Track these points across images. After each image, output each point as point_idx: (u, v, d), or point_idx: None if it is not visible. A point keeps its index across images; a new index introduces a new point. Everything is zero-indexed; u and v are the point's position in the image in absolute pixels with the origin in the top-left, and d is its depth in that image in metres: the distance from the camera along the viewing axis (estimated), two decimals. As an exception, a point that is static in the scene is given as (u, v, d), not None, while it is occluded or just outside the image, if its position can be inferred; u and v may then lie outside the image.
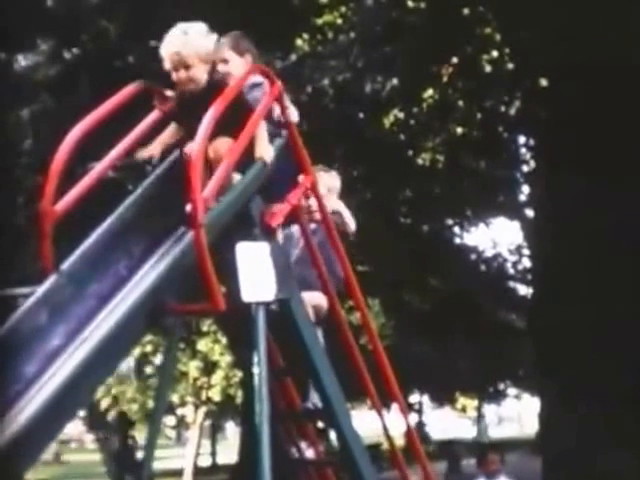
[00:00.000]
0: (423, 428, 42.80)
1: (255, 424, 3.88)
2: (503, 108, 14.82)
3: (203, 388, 27.49)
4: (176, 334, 4.83)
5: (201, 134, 3.75)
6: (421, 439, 5.80)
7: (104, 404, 28.23)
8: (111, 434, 30.13)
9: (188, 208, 3.60)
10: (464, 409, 48.72)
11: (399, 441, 5.71)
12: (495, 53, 13.78)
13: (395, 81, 12.28)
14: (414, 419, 41.00)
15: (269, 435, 3.86)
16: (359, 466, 4.51)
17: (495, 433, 51.08)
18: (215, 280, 3.59)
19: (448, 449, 32.07)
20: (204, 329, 23.60)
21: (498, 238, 36.79)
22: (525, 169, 17.80)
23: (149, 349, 24.16)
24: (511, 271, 21.45)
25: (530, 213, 17.97)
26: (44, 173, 3.74)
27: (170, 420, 37.49)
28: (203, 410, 29.66)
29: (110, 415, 29.48)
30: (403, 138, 14.57)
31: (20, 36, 11.73)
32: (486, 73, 13.84)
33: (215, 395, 26.93)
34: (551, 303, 13.02)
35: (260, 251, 4.03)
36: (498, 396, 45.48)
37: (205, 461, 39.75)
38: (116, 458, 29.30)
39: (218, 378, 26.29)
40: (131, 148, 4.17)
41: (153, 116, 4.28)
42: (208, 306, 3.64)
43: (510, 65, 13.97)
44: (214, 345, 24.61)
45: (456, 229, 20.19)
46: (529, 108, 14.18)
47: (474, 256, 21.63)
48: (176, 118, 4.26)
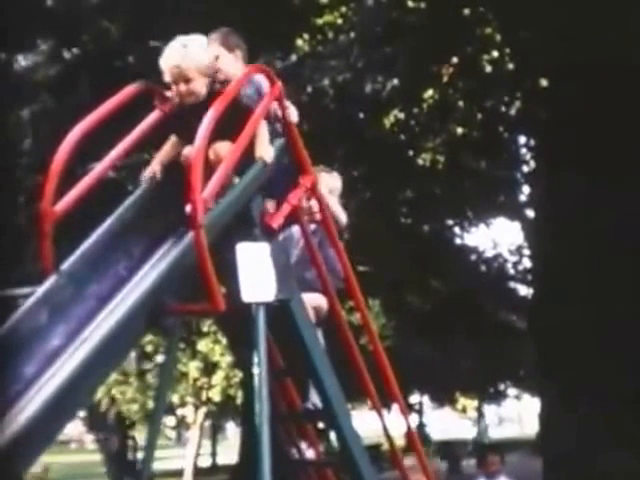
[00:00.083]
0: (423, 428, 42.76)
1: (255, 424, 3.88)
2: (503, 108, 14.81)
3: (203, 388, 27.45)
4: (176, 334, 4.83)
5: (201, 134, 3.75)
6: (421, 439, 5.79)
7: (103, 404, 28.20)
8: (110, 434, 30.11)
9: (188, 209, 3.60)
10: (464, 409, 48.70)
11: (399, 441, 5.70)
12: (495, 53, 13.78)
13: (395, 81, 12.26)
14: (414, 419, 40.99)
15: (269, 435, 3.85)
16: (359, 467, 4.51)
17: (495, 434, 51.09)
18: (215, 280, 3.59)
19: (448, 449, 32.10)
20: (204, 329, 23.57)
21: (498, 238, 36.89)
22: (525, 169, 17.79)
23: (149, 349, 24.13)
24: (511, 271, 21.42)
25: (530, 213, 17.96)
26: (44, 173, 3.74)
27: (170, 420, 37.43)
28: (203, 410, 29.61)
29: (109, 416, 29.46)
30: (403, 138, 14.56)
31: (20, 36, 11.74)
32: (486, 73, 13.84)
33: (215, 395, 26.89)
34: (551, 303, 13.02)
35: (260, 251, 4.03)
36: (498, 396, 45.46)
37: (205, 461, 39.75)
38: (114, 459, 29.31)
39: (218, 378, 26.24)
40: (131, 148, 4.17)
41: (153, 116, 4.28)
42: (208, 306, 3.64)
43: (510, 65, 13.97)
44: (214, 345, 24.58)
45: (456, 229, 20.18)
46: (529, 108, 14.18)
47: (474, 256, 21.60)
48: (176, 130, 4.26)
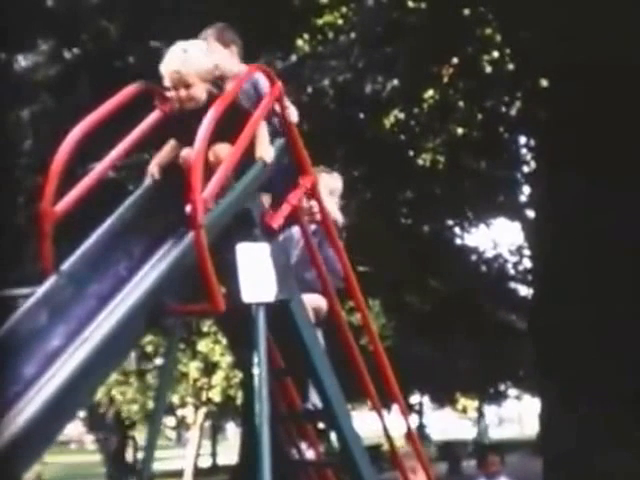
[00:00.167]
0: (423, 429, 42.75)
1: (255, 425, 3.87)
2: (504, 109, 14.82)
3: (203, 389, 27.44)
4: (176, 335, 4.83)
5: (201, 134, 3.74)
6: (421, 440, 5.78)
7: (103, 405, 28.21)
8: (109, 435, 30.13)
9: (188, 209, 3.59)
10: (465, 410, 48.68)
11: (399, 442, 5.70)
12: (496, 53, 13.79)
13: (396, 82, 12.26)
14: (414, 420, 40.97)
15: (269, 436, 3.85)
16: (359, 467, 4.51)
17: (496, 434, 51.07)
18: (215, 281, 3.58)
19: (448, 450, 32.09)
20: (204, 330, 23.56)
21: (499, 239, 36.90)
22: (525, 170, 17.78)
23: (149, 350, 24.12)
24: (512, 272, 21.40)
25: (531, 214, 17.95)
26: (44, 173, 3.73)
27: (170, 421, 37.43)
28: (203, 411, 29.60)
29: (108, 416, 29.47)
30: (404, 139, 14.56)
31: (20, 36, 11.74)
32: (487, 74, 13.84)
33: (215, 396, 26.88)
34: (551, 303, 13.02)
35: (260, 252, 4.02)
36: (499, 397, 45.44)
37: (205, 462, 39.74)
38: (113, 459, 29.32)
39: (218, 379, 26.23)
40: (131, 148, 4.17)
41: (153, 116, 4.27)
42: (208, 307, 3.64)
43: (510, 65, 13.98)
44: (214, 346, 24.57)
45: (456, 230, 20.15)
46: (529, 108, 14.18)
47: (475, 257, 21.57)
48: (175, 134, 4.25)
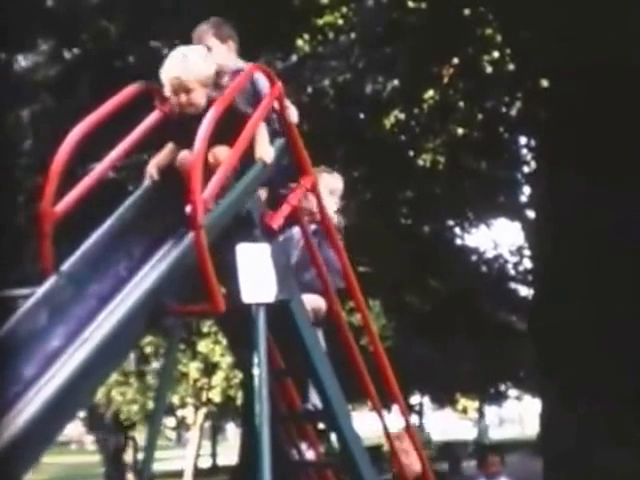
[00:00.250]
0: (424, 429, 42.73)
1: (255, 425, 3.87)
2: (504, 109, 14.81)
3: (203, 389, 27.44)
4: (176, 335, 4.82)
5: (201, 135, 3.73)
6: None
7: (102, 405, 28.22)
8: (108, 435, 30.14)
9: (188, 209, 3.59)
10: (465, 410, 48.65)
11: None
12: (496, 54, 13.78)
13: (396, 82, 12.26)
14: (415, 420, 40.95)
15: (269, 436, 3.85)
16: (359, 468, 4.50)
17: (496, 434, 51.05)
18: (215, 281, 3.58)
19: (449, 450, 32.07)
20: (204, 330, 23.55)
21: (499, 239, 36.97)
22: (526, 170, 17.78)
23: (149, 350, 24.13)
24: (512, 272, 21.40)
25: (531, 214, 17.95)
26: (44, 174, 3.73)
27: (170, 421, 37.45)
28: (203, 411, 29.61)
29: (106, 416, 29.47)
30: (404, 139, 14.55)
31: (20, 36, 11.73)
32: (487, 74, 13.84)
33: (215, 396, 26.89)
34: (552, 303, 13.02)
35: (260, 252, 4.02)
36: (499, 397, 45.41)
37: (205, 462, 39.75)
38: (111, 459, 29.33)
39: (218, 379, 26.24)
40: (131, 149, 4.16)
41: (153, 117, 4.27)
42: (208, 307, 3.63)
43: (511, 66, 13.97)
44: (214, 346, 24.57)
45: (457, 230, 20.15)
46: (530, 109, 14.18)
47: (475, 257, 21.56)
48: (174, 139, 4.25)
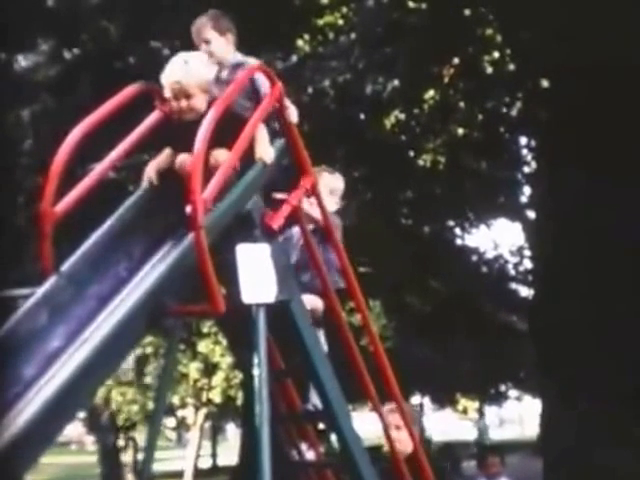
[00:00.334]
0: (423, 430, 42.69)
1: (255, 426, 3.87)
2: (504, 109, 14.82)
3: (203, 389, 27.48)
4: (176, 335, 4.82)
5: (202, 134, 3.73)
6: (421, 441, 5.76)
7: (99, 406, 28.27)
8: (105, 435, 30.17)
9: (188, 210, 3.59)
10: (465, 411, 48.62)
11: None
12: (496, 54, 13.79)
13: (396, 82, 12.26)
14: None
15: (269, 437, 3.85)
16: (360, 468, 4.50)
17: (496, 435, 51.03)
18: (215, 282, 3.58)
19: (449, 451, 32.02)
20: (205, 330, 23.57)
21: (499, 239, 36.97)
22: (526, 170, 17.78)
23: (149, 351, 24.15)
24: (512, 272, 21.40)
25: (531, 214, 17.95)
26: (44, 174, 3.73)
27: (170, 422, 37.49)
28: (203, 412, 29.65)
29: (103, 416, 29.52)
30: (404, 139, 14.55)
31: (20, 36, 11.72)
32: (487, 74, 13.84)
33: (215, 397, 26.92)
34: (552, 303, 13.02)
35: (261, 253, 4.02)
36: (499, 398, 45.37)
37: (205, 463, 39.73)
38: (108, 459, 29.36)
39: (218, 379, 26.27)
40: (131, 149, 4.16)
41: (154, 117, 4.27)
42: (208, 308, 3.63)
43: (511, 66, 13.98)
44: (215, 347, 24.59)
45: (457, 230, 20.14)
46: (530, 109, 14.18)
47: (475, 257, 21.56)
48: (174, 143, 4.25)
